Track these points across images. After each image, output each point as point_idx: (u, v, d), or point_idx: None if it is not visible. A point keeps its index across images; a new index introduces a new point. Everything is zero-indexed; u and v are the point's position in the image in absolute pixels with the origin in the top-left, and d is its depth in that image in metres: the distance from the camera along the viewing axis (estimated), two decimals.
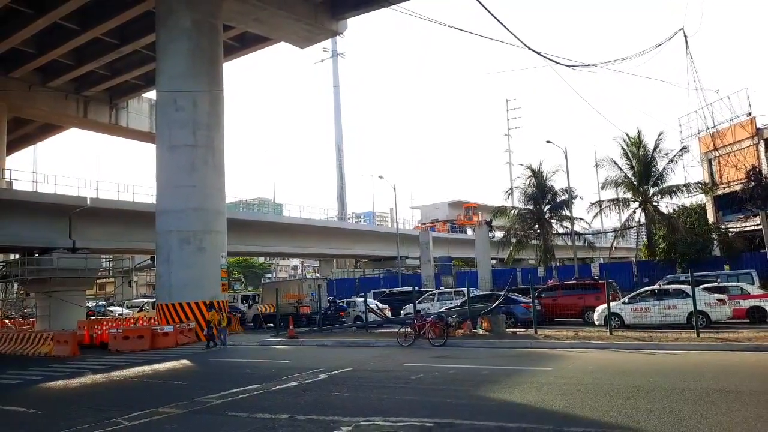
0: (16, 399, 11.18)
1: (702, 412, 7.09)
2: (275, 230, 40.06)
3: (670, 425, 6.56)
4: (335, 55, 58.26)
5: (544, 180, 35.52)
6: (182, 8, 22.42)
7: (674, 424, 6.60)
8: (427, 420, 7.29)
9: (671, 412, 7.14)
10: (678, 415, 6.95)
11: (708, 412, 7.05)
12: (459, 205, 71.68)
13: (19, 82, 31.86)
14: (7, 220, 25.25)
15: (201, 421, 8.22)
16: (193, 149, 21.87)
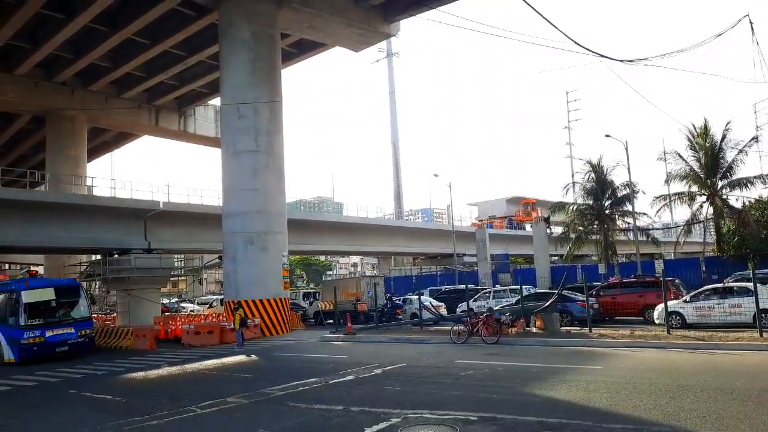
0: (103, 388, 12.43)
1: (747, 412, 7.14)
2: (334, 229, 41.11)
3: (710, 424, 6.68)
4: (390, 56, 58.83)
5: (604, 175, 34.65)
6: (242, 21, 23.58)
7: (715, 422, 6.71)
8: (472, 414, 7.70)
9: (715, 411, 7.23)
10: (721, 415, 7.03)
11: (753, 413, 7.09)
12: (517, 201, 70.72)
13: (96, 94, 34.45)
14: (90, 224, 27.41)
15: (264, 410, 8.99)
16: (255, 154, 22.99)
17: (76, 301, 19.06)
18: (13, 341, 17.39)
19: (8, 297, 18.09)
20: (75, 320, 18.55)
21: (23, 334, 17.26)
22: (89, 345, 18.91)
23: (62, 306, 18.74)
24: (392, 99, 61.09)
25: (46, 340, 17.48)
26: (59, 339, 17.81)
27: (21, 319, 17.33)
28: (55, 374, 14.65)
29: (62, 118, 34.91)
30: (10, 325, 17.60)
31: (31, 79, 31.67)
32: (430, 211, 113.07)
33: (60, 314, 18.49)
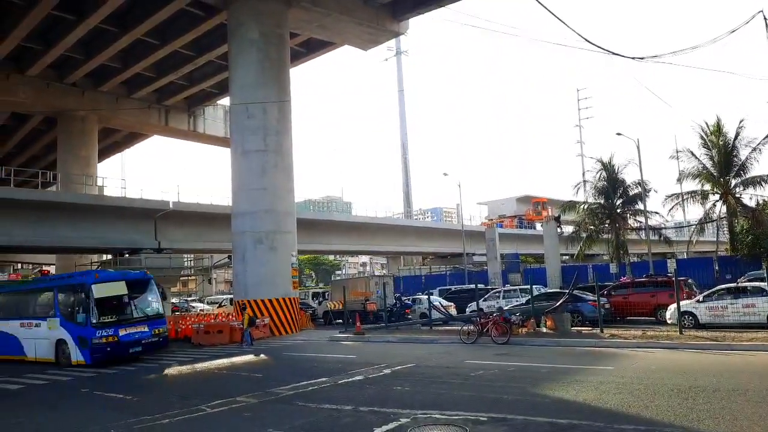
0: (114, 387, 12.49)
1: (761, 413, 7.03)
2: (343, 228, 41.15)
3: (723, 425, 6.58)
4: (399, 54, 58.70)
5: (615, 173, 34.37)
6: (250, 21, 23.62)
7: (728, 423, 6.61)
8: (482, 414, 7.64)
9: (728, 412, 7.12)
10: (734, 416, 6.93)
11: (767, 414, 6.97)
12: (527, 200, 70.40)
13: (107, 95, 34.71)
14: (101, 224, 27.63)
15: (274, 410, 8.98)
16: (263, 154, 23.03)
17: (148, 296, 17.22)
18: (83, 341, 15.55)
19: (75, 292, 16.32)
20: (148, 317, 16.73)
21: (95, 333, 15.39)
22: (164, 344, 17.20)
23: (134, 301, 16.86)
24: (401, 98, 61.03)
25: (119, 339, 15.65)
26: (133, 338, 15.98)
27: (92, 317, 15.47)
28: (66, 373, 14.76)
29: (73, 119, 35.21)
30: (78, 323, 15.76)
31: (42, 80, 31.97)
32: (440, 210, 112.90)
33: (133, 310, 16.66)
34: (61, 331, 16.29)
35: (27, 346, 17.44)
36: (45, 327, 16.83)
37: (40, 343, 16.93)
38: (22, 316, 17.98)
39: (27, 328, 17.57)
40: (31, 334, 17.36)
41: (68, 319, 16.22)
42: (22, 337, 17.57)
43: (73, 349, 15.89)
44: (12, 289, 20.80)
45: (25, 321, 17.72)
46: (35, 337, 17.16)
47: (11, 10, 25.61)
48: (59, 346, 16.30)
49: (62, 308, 16.58)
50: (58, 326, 16.37)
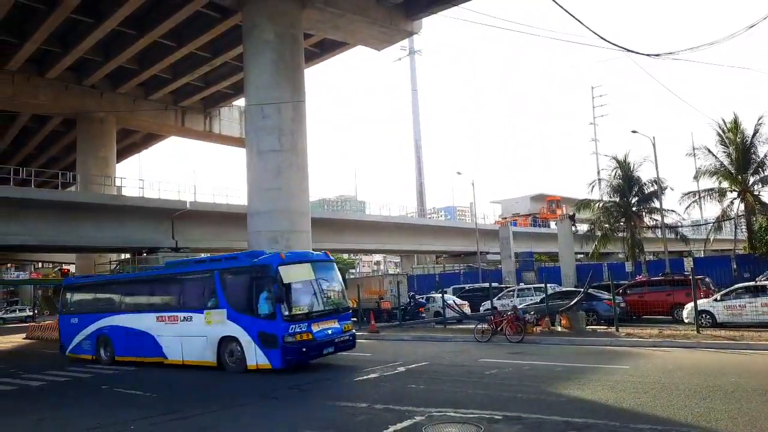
0: (134, 384, 12.72)
1: None
2: (357, 227, 41.28)
3: (741, 426, 6.55)
4: (412, 54, 58.67)
5: (631, 171, 34.06)
6: (265, 22, 23.78)
7: (746, 425, 6.59)
8: (497, 413, 7.69)
9: (746, 413, 7.09)
10: (753, 416, 6.90)
11: None
12: (541, 199, 69.98)
13: (125, 96, 35.21)
14: (119, 223, 28.06)
15: (291, 407, 9.09)
16: (278, 154, 23.19)
17: (334, 283, 13.96)
18: (268, 339, 12.25)
19: (253, 276, 12.89)
20: (337, 309, 13.55)
21: (287, 329, 12.09)
22: (353, 344, 13.79)
23: (323, 289, 13.56)
24: (414, 97, 60.98)
25: (314, 337, 12.47)
26: (326, 336, 12.77)
27: (282, 308, 12.16)
28: (86, 369, 15.04)
29: (92, 120, 35.73)
30: (260, 316, 12.43)
31: (62, 83, 32.51)
32: (453, 209, 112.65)
33: (323, 301, 13.33)
34: (229, 326, 13.06)
35: (168, 345, 14.41)
36: (199, 321, 13.71)
37: (191, 342, 13.86)
38: (159, 308, 15.03)
39: (168, 323, 14.52)
40: (174, 331, 14.30)
41: (242, 311, 12.91)
42: (160, 334, 14.57)
43: (250, 350, 12.61)
44: (141, 275, 18.07)
45: (164, 314, 14.69)
46: (182, 334, 14.08)
47: (33, 14, 26.11)
48: (224, 346, 13.13)
49: (231, 297, 13.34)
50: (225, 320, 13.14)
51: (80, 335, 17.07)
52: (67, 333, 17.79)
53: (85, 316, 17.17)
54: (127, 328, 15.56)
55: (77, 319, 17.40)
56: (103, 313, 16.57)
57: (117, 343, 15.84)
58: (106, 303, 17.05)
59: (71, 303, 18.46)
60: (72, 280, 19.63)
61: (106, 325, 16.24)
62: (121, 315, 16.01)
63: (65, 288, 19.26)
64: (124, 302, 16.37)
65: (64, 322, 18.28)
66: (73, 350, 17.38)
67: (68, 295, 18.78)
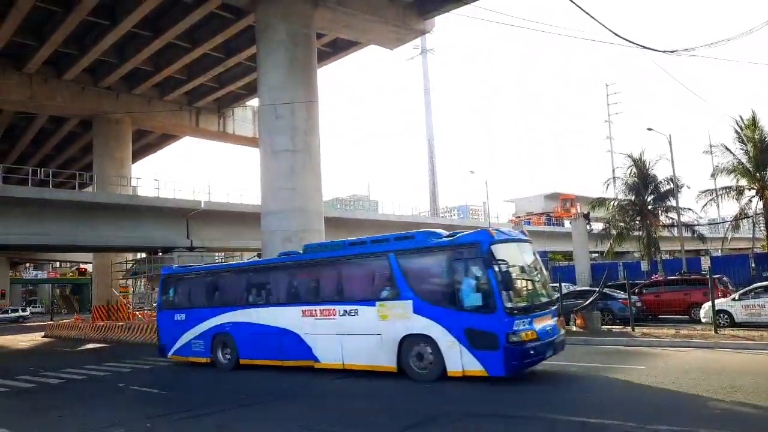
0: (150, 381, 12.89)
1: None
2: (370, 227, 41.26)
3: (759, 429, 6.46)
4: (425, 52, 58.57)
5: (646, 169, 33.72)
6: (278, 22, 23.89)
7: (766, 428, 6.50)
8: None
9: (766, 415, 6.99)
10: None
11: None
12: (555, 197, 69.49)
13: (140, 97, 35.62)
14: (135, 223, 28.38)
15: (305, 406, 9.15)
16: (292, 154, 23.30)
17: (541, 268, 11.51)
18: (483, 338, 9.67)
19: (455, 258, 10.39)
20: (551, 302, 11.15)
21: (511, 325, 9.52)
22: (563, 345, 11.15)
23: (535, 275, 11.15)
24: (427, 96, 60.86)
25: (538, 336, 9.93)
26: (547, 336, 10.27)
27: (504, 298, 9.56)
28: (103, 368, 15.24)
29: (108, 121, 36.16)
30: (467, 309, 9.89)
31: (78, 84, 32.98)
32: (466, 208, 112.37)
33: (539, 290, 11.00)
34: (416, 321, 10.50)
35: (321, 345, 11.91)
36: (368, 316, 11.20)
37: (356, 342, 11.32)
38: (306, 300, 12.61)
39: (320, 318, 11.99)
40: (329, 328, 11.77)
41: (436, 302, 10.39)
42: (308, 332, 12.11)
43: (452, 352, 10.01)
44: (277, 262, 14.48)
45: (314, 308, 12.17)
46: (342, 331, 11.57)
47: (50, 16, 26.52)
48: (408, 347, 10.58)
49: (418, 285, 10.78)
50: (410, 314, 10.57)
51: (188, 334, 14.64)
52: (170, 332, 15.19)
53: (195, 311, 14.70)
54: (257, 325, 13.02)
55: (183, 316, 14.94)
56: (220, 308, 14.06)
57: (242, 344, 13.35)
58: (224, 296, 14.55)
59: (175, 296, 15.75)
60: (174, 269, 16.98)
61: (225, 321, 13.76)
62: (247, 309, 13.45)
63: (166, 279, 16.20)
64: (251, 294, 13.78)
65: (165, 319, 15.58)
66: (178, 352, 14.95)
67: (170, 287, 15.98)
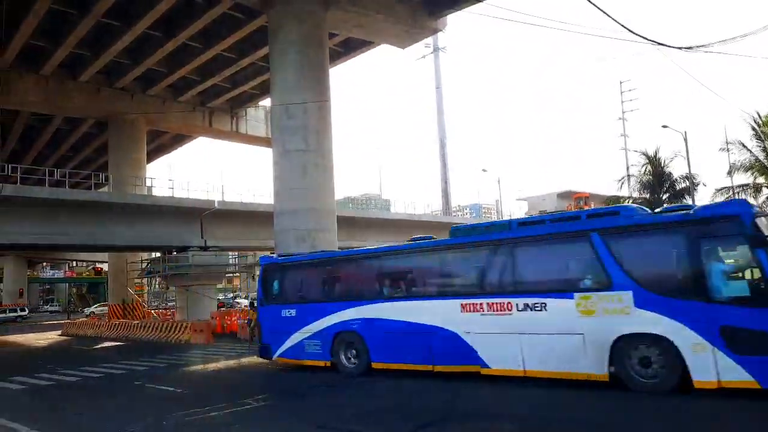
0: (165, 380, 13.00)
1: None
2: (382, 226, 41.33)
3: None
4: (436, 51, 58.36)
5: (661, 167, 33.33)
6: (290, 23, 23.99)
7: None
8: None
9: None
10: None
11: None
12: (568, 196, 68.86)
13: (154, 98, 36.00)
14: (150, 223, 28.65)
15: (320, 404, 9.20)
16: (304, 154, 23.40)
17: None
18: (755, 339, 7.72)
19: (698, 235, 8.40)
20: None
21: None
22: None
23: None
24: (439, 95, 60.68)
25: None
26: None
27: None
28: (119, 366, 15.42)
29: (123, 122, 36.57)
30: (722, 301, 8.03)
31: (93, 86, 33.41)
32: (479, 206, 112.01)
33: None
34: (641, 317, 8.56)
35: (492, 348, 9.99)
36: (563, 310, 9.26)
37: (547, 343, 9.37)
38: (467, 291, 10.57)
39: (489, 313, 10.04)
40: (504, 326, 9.86)
41: (671, 293, 8.42)
42: (471, 330, 10.16)
43: (702, 357, 8.01)
44: (421, 246, 12.35)
45: (480, 301, 10.16)
46: (523, 330, 9.66)
47: (65, 19, 26.87)
48: (627, 350, 8.66)
49: (639, 271, 8.78)
50: (630, 308, 8.63)
51: (300, 333, 12.78)
52: (275, 330, 13.34)
53: (310, 307, 12.92)
54: (395, 323, 11.09)
55: (293, 312, 13.08)
56: (344, 302, 12.17)
57: (374, 344, 11.39)
58: (349, 288, 12.73)
59: (281, 290, 13.83)
60: (276, 258, 14.80)
61: (351, 318, 11.82)
62: (381, 304, 11.50)
63: (268, 270, 14.20)
64: (386, 286, 11.94)
65: (268, 315, 13.67)
66: (286, 353, 13.10)
67: (274, 279, 13.99)
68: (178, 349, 19.40)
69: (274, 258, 14.90)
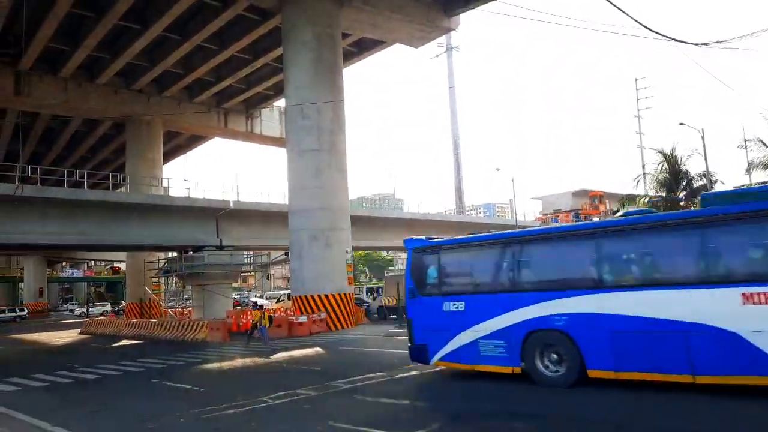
0: (182, 378, 13.16)
1: None
2: (396, 225, 41.36)
3: None
4: (450, 50, 58.21)
5: (678, 165, 32.91)
6: (304, 23, 24.13)
7: None
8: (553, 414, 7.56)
9: None
10: None
11: None
12: (583, 194, 68.29)
13: (170, 99, 36.43)
14: (167, 223, 29.03)
15: (333, 403, 9.25)
16: (318, 153, 23.54)
17: None
18: None
19: None
20: None
21: None
22: None
23: None
24: (452, 94, 60.52)
25: None
26: None
27: None
28: (137, 364, 15.64)
29: (140, 123, 37.06)
30: None
31: (111, 88, 33.91)
32: (492, 206, 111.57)
33: None
34: None
35: None
36: None
37: None
38: (750, 276, 7.89)
39: None
40: None
41: None
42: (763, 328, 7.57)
43: None
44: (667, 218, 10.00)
45: None
46: None
47: (83, 22, 27.31)
48: None
49: None
50: None
51: (472, 331, 10.27)
52: (434, 327, 10.83)
53: (486, 298, 10.40)
54: (632, 319, 8.64)
55: (461, 305, 10.51)
56: (540, 293, 9.72)
57: (593, 347, 8.93)
58: (549, 274, 10.20)
59: (441, 277, 11.22)
60: (429, 241, 11.86)
61: (553, 313, 9.39)
62: (604, 294, 9.00)
63: (421, 254, 11.60)
64: (615, 271, 9.47)
65: (423, 309, 11.08)
66: (451, 356, 10.63)
67: (430, 264, 11.40)
68: (194, 348, 19.60)
69: (426, 240, 11.90)
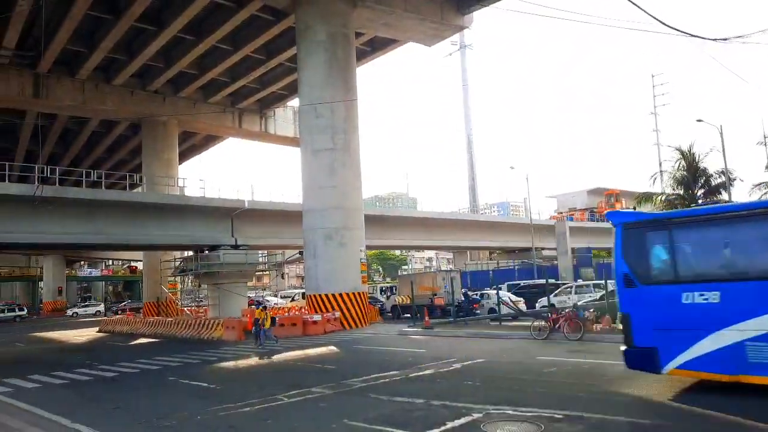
0: (199, 376, 13.27)
1: None
2: (409, 224, 41.32)
3: None
4: (463, 48, 58.12)
5: (696, 162, 32.44)
6: (317, 23, 24.20)
7: None
8: (557, 412, 7.56)
9: None
10: None
11: None
12: (599, 192, 67.74)
13: (185, 100, 36.75)
14: (182, 222, 29.28)
15: (348, 401, 9.28)
16: (332, 152, 23.60)
17: None
18: None
19: None
20: None
21: None
22: None
23: None
24: (465, 92, 60.46)
25: None
26: None
27: None
28: (154, 362, 15.80)
29: (156, 124, 37.43)
30: None
31: (127, 89, 34.29)
32: (507, 204, 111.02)
33: None
34: None
35: None
36: None
37: None
38: None
39: None
40: None
41: None
42: None
43: None
44: None
45: None
46: None
47: (100, 24, 27.65)
48: None
49: None
50: None
51: (735, 331, 7.72)
52: (668, 325, 8.43)
53: (753, 287, 7.83)
54: None
55: (713, 295, 7.99)
56: None
57: None
58: None
59: (676, 261, 8.73)
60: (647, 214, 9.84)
61: None
62: None
63: (641, 230, 9.14)
64: None
65: (648, 302, 8.69)
66: (696, 363, 8.15)
67: (656, 244, 9.06)
68: (210, 346, 19.77)
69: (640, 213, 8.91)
